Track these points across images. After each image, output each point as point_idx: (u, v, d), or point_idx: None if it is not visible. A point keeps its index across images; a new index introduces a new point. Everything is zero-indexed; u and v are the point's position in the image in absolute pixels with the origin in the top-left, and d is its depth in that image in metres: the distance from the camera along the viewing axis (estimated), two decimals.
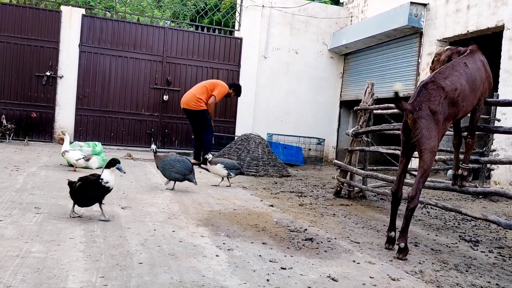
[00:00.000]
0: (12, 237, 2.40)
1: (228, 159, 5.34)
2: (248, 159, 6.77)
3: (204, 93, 6.82)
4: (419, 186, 2.76)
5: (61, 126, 8.82)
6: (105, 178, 2.94)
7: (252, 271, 2.21)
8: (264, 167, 6.79)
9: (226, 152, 6.98)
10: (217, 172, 5.02)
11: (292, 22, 10.25)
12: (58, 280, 1.86)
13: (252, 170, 6.61)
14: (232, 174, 5.04)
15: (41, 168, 5.16)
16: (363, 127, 4.89)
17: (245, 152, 6.91)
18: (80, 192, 2.91)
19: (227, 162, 5.10)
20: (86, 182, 2.93)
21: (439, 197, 5.67)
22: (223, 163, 5.05)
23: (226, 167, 4.99)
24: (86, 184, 2.92)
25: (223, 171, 4.97)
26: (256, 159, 6.83)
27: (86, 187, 2.91)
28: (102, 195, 2.98)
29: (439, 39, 7.72)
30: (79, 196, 2.93)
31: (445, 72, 2.88)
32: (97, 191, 2.95)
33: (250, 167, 6.65)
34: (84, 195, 2.93)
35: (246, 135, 7.33)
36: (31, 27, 8.60)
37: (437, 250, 3.03)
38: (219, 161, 5.07)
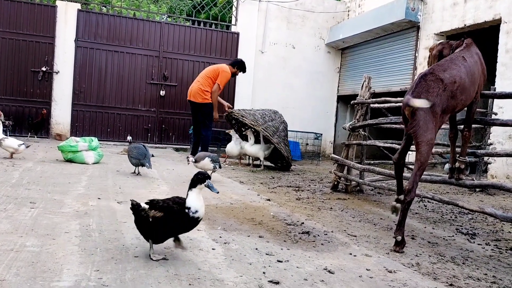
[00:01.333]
0: (6, 231, 2.38)
1: (210, 153, 5.09)
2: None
3: (209, 85, 6.62)
4: (416, 179, 2.75)
5: (57, 121, 8.79)
6: (193, 205, 2.12)
7: (248, 264, 2.20)
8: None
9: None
10: (205, 167, 4.71)
11: (289, 16, 10.22)
12: (53, 274, 1.85)
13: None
14: (217, 167, 4.83)
15: (37, 163, 5.14)
16: (360, 121, 4.88)
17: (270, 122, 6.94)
18: (158, 226, 2.10)
19: (212, 156, 4.83)
20: (169, 212, 2.10)
21: (436, 190, 5.67)
22: (210, 157, 4.77)
23: (213, 161, 4.75)
24: (168, 215, 2.10)
25: (210, 165, 4.74)
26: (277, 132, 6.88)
27: (167, 220, 2.10)
28: (188, 229, 2.18)
29: (436, 33, 7.70)
30: (156, 230, 2.13)
31: (444, 65, 2.87)
32: (182, 224, 2.13)
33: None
34: (163, 229, 2.13)
35: (275, 111, 7.38)
36: (27, 22, 8.54)
37: (434, 243, 3.03)
38: (206, 155, 4.80)
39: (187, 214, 2.09)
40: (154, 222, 2.09)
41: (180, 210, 2.10)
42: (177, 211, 2.10)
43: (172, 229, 2.14)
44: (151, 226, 2.11)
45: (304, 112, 10.40)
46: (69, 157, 5.53)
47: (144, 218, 2.13)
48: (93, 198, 3.48)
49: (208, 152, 5.01)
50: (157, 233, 2.14)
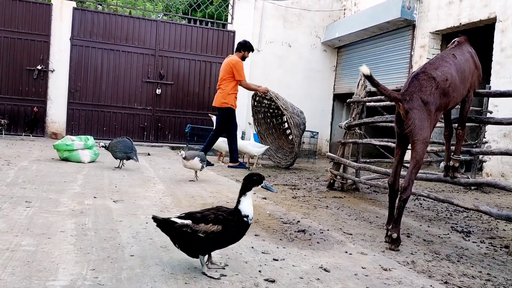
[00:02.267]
0: (2, 231, 2.37)
1: (198, 152, 5.00)
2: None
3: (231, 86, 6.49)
4: (411, 177, 2.77)
5: (53, 120, 8.76)
6: (250, 213, 1.99)
7: (244, 262, 2.20)
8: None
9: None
10: (193, 166, 4.67)
11: (285, 15, 10.22)
12: (48, 273, 1.84)
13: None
14: (205, 166, 4.75)
15: (33, 162, 5.12)
16: (356, 120, 4.89)
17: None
18: (213, 240, 1.91)
19: (201, 155, 4.73)
20: (227, 224, 1.92)
21: (431, 188, 5.70)
22: (199, 156, 4.68)
23: (201, 160, 4.67)
24: (227, 227, 1.92)
25: (199, 164, 4.65)
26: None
27: (225, 232, 1.92)
28: (242, 238, 2.03)
29: (432, 32, 7.73)
30: (208, 245, 1.93)
31: (436, 63, 2.88)
32: (239, 235, 1.99)
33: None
34: (217, 243, 1.94)
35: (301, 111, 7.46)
36: (22, 21, 8.51)
37: (429, 241, 3.04)
38: (196, 154, 4.69)
39: (246, 223, 1.96)
40: (208, 237, 1.88)
41: (239, 220, 1.94)
42: (236, 221, 1.94)
43: (227, 240, 1.97)
44: (202, 241, 1.89)
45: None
46: (64, 156, 5.52)
47: (189, 234, 1.88)
48: (89, 197, 3.47)
49: (197, 152, 4.97)
50: (207, 247, 1.94)
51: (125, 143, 5.23)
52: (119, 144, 5.21)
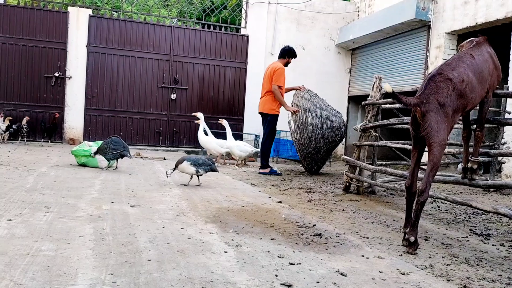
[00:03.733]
0: (22, 236, 2.42)
1: (196, 155, 4.93)
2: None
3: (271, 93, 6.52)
4: (429, 180, 2.73)
5: (70, 126, 8.90)
6: None
7: (260, 266, 2.21)
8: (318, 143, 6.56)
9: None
10: (184, 171, 4.55)
11: (298, 18, 10.22)
12: (68, 278, 1.87)
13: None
14: (201, 171, 4.54)
15: (51, 168, 5.21)
16: (371, 122, 4.86)
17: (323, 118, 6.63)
18: None
19: (194, 159, 4.59)
20: None
21: (449, 191, 5.62)
22: (190, 159, 4.53)
23: (193, 164, 4.50)
24: None
25: (190, 168, 4.49)
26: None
27: None
28: None
29: (448, 32, 7.64)
30: None
31: (452, 63, 2.85)
32: None
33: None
34: None
35: (341, 117, 6.98)
36: (39, 29, 8.67)
37: (448, 244, 3.00)
38: (186, 158, 4.56)
39: None
40: None
41: None
42: None
43: None
44: None
45: None
46: (82, 161, 5.60)
47: None
48: (107, 202, 3.51)
49: (187, 156, 4.85)
50: None
51: (115, 142, 5.29)
52: (110, 144, 5.25)
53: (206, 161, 4.64)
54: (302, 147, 6.59)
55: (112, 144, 5.30)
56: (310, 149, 6.62)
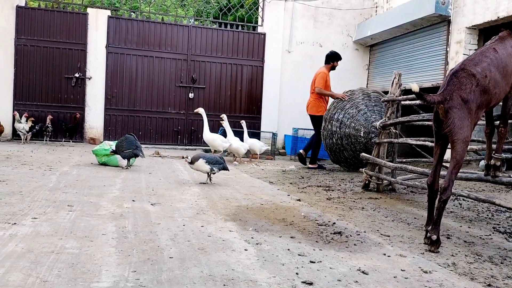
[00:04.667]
0: (47, 234, 2.47)
1: (210, 154, 4.87)
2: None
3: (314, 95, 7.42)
4: (451, 177, 2.69)
5: (91, 126, 9.03)
6: None
7: (281, 264, 2.21)
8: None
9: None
10: (199, 168, 4.60)
11: (315, 15, 10.15)
12: (92, 275, 1.91)
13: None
14: (216, 170, 4.61)
15: (73, 167, 5.30)
16: (391, 119, 4.81)
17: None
18: None
19: (209, 157, 4.65)
20: None
21: (471, 188, 5.53)
22: (205, 157, 4.59)
23: (208, 162, 4.56)
24: None
25: (205, 166, 4.55)
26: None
27: None
28: None
29: (468, 27, 7.49)
30: None
31: (475, 58, 2.80)
32: None
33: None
34: None
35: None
36: (60, 30, 8.81)
37: (470, 242, 2.96)
38: (201, 156, 4.61)
39: None
40: None
41: None
42: None
43: None
44: None
45: None
46: (103, 160, 5.68)
47: None
48: (128, 200, 3.56)
49: (203, 153, 4.86)
50: None
51: (128, 139, 5.39)
52: (123, 143, 5.38)
53: (219, 160, 4.70)
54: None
55: (126, 142, 5.40)
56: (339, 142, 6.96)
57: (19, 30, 8.59)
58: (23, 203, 3.20)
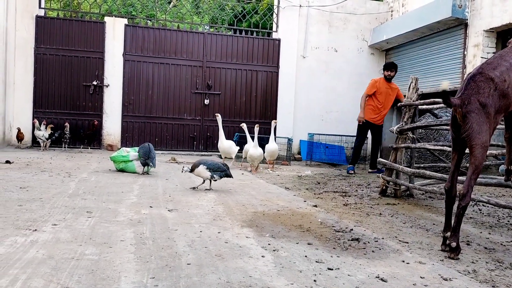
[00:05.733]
0: (67, 240, 2.51)
1: (212, 160, 4.86)
2: None
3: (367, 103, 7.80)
4: (471, 183, 2.66)
5: (108, 133, 9.15)
6: None
7: (298, 271, 2.20)
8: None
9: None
10: (199, 174, 4.56)
11: (330, 20, 10.14)
12: (111, 281, 1.93)
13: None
14: (216, 177, 4.54)
15: (91, 174, 5.37)
16: (408, 124, 4.76)
17: None
18: None
19: (210, 163, 4.57)
20: None
21: (491, 193, 5.43)
22: (206, 164, 4.53)
23: (210, 169, 4.51)
24: None
25: (206, 172, 4.50)
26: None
27: None
28: None
29: (486, 30, 7.40)
30: None
31: (494, 62, 2.76)
32: None
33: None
34: None
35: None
36: (78, 39, 8.97)
37: (491, 249, 2.90)
38: (202, 162, 4.56)
39: None
40: None
41: None
42: None
43: None
44: None
45: (348, 115, 10.22)
46: (121, 167, 5.75)
47: None
48: (145, 206, 3.60)
49: (206, 159, 4.79)
50: None
51: (144, 149, 5.53)
52: (141, 150, 5.55)
53: (222, 167, 4.63)
54: None
55: (142, 151, 5.53)
56: None
57: (38, 39, 8.77)
58: (44, 210, 3.26)
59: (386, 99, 7.70)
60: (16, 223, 2.82)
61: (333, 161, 8.87)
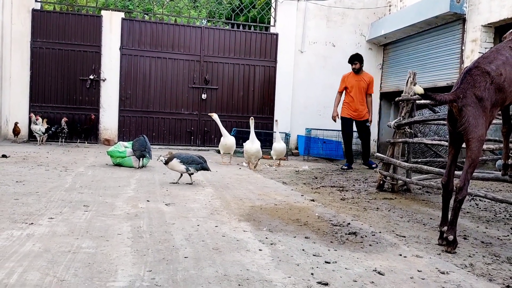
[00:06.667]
0: (63, 234, 2.50)
1: (186, 152, 4.75)
2: None
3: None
4: (467, 177, 2.66)
5: (105, 127, 9.12)
6: None
7: (295, 265, 2.20)
8: None
9: None
10: (174, 168, 4.49)
11: (328, 14, 10.11)
12: (108, 274, 1.92)
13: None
14: (192, 169, 4.45)
15: (88, 168, 5.36)
16: (405, 118, 4.76)
17: None
18: None
19: (184, 156, 4.49)
20: None
21: (488, 188, 5.45)
22: (180, 157, 4.45)
23: (183, 162, 4.42)
24: None
25: (180, 166, 4.42)
26: None
27: None
28: None
29: (484, 25, 7.39)
30: None
31: (490, 56, 2.75)
32: None
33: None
34: None
35: None
36: (74, 33, 8.92)
37: (488, 243, 2.91)
38: (176, 155, 4.50)
39: None
40: None
41: None
42: None
43: None
44: None
45: None
46: (117, 161, 5.73)
47: None
48: (142, 200, 3.59)
49: (180, 153, 4.70)
50: None
51: (139, 141, 5.53)
52: (136, 143, 5.54)
53: (197, 159, 4.53)
54: None
55: (137, 143, 5.53)
56: None
57: (34, 33, 8.72)
58: (40, 204, 3.24)
59: (358, 93, 7.54)
60: (12, 217, 2.81)
61: (331, 156, 8.87)
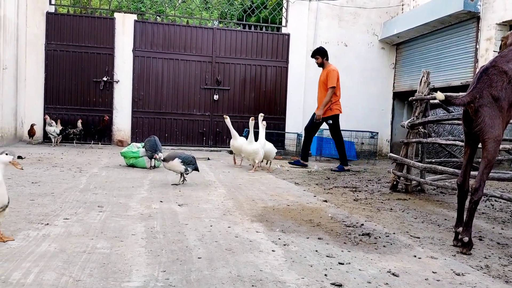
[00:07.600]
0: (78, 234, 2.53)
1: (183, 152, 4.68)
2: None
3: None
4: (483, 178, 2.62)
5: (119, 128, 9.20)
6: None
7: (309, 266, 2.19)
8: None
9: None
10: (173, 168, 4.42)
11: (340, 14, 10.07)
12: (123, 275, 1.94)
13: None
14: (190, 170, 4.46)
15: (102, 169, 5.41)
16: (419, 118, 4.72)
17: None
18: None
19: (184, 157, 4.42)
20: None
21: (503, 188, 5.37)
22: (181, 157, 4.39)
23: (184, 162, 4.38)
24: None
25: (180, 166, 4.38)
26: None
27: None
28: None
29: (498, 23, 7.29)
30: None
31: (508, 55, 2.71)
32: None
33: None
34: None
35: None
36: (88, 35, 9.01)
37: (504, 244, 2.87)
38: (177, 155, 4.40)
39: None
40: None
41: None
42: None
43: None
44: None
45: (358, 110, 10.17)
46: (131, 162, 5.78)
47: None
48: (156, 201, 3.61)
49: (179, 152, 4.63)
50: None
51: (150, 142, 5.56)
52: (147, 143, 5.58)
53: (193, 160, 4.53)
54: None
55: (148, 144, 5.55)
56: None
57: (49, 35, 8.83)
58: (55, 204, 3.28)
59: (319, 88, 7.71)
60: (28, 217, 2.85)
61: None
